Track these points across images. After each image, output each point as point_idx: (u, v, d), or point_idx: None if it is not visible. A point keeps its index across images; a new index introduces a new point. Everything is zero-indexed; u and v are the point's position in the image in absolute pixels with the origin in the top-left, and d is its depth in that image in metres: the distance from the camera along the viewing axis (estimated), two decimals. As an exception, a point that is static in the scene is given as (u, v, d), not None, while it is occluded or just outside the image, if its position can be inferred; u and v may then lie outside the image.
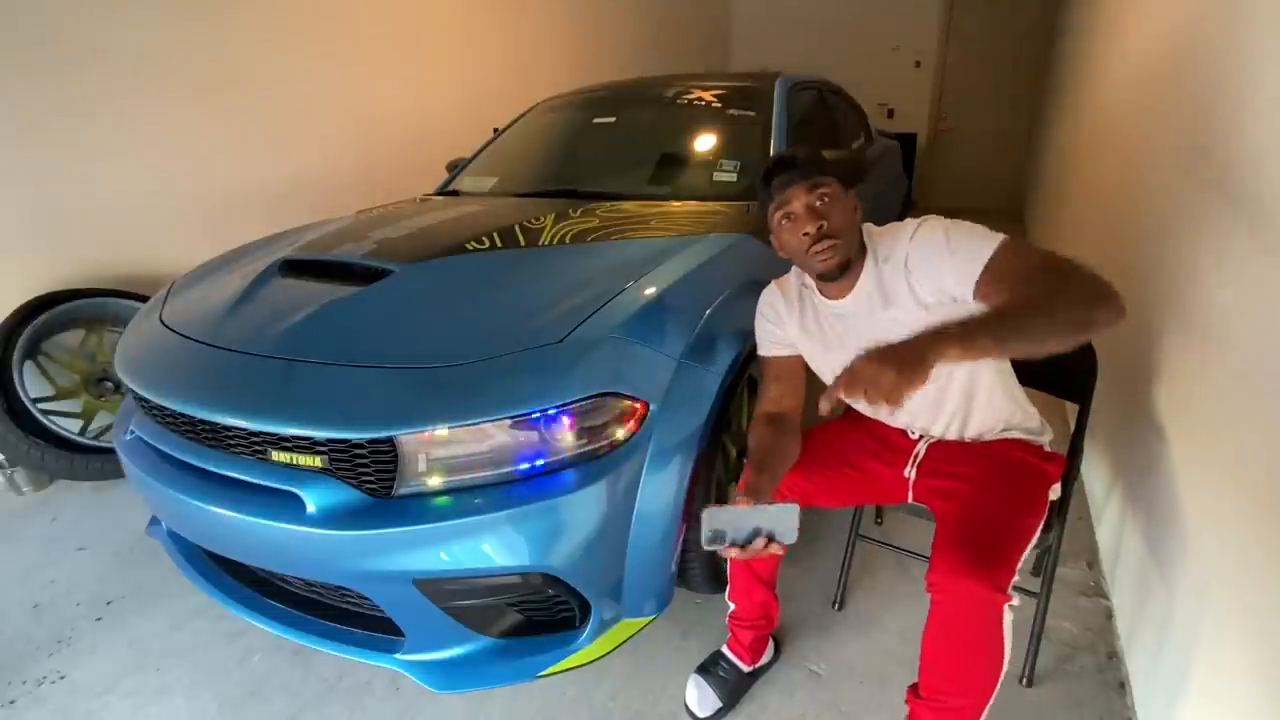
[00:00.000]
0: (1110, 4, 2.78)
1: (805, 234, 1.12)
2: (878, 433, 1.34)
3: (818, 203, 1.12)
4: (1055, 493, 1.22)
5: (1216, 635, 1.02)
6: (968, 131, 6.32)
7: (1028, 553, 1.09)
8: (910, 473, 1.28)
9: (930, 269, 1.08)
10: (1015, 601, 1.02)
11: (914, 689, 1.12)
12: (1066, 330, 0.89)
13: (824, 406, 0.92)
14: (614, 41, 5.35)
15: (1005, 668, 1.04)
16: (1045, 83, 5.28)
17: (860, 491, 1.36)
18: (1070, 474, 1.29)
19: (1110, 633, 1.51)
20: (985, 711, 1.08)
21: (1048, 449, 1.26)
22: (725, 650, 1.42)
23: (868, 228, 1.22)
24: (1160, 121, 1.70)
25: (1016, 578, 1.04)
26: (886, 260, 1.15)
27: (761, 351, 1.32)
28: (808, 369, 1.30)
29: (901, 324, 1.10)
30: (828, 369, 1.25)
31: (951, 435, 1.26)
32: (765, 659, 1.44)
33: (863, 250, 1.19)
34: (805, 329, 1.26)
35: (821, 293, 1.22)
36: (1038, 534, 1.12)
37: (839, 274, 1.16)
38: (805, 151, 1.17)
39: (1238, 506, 0.99)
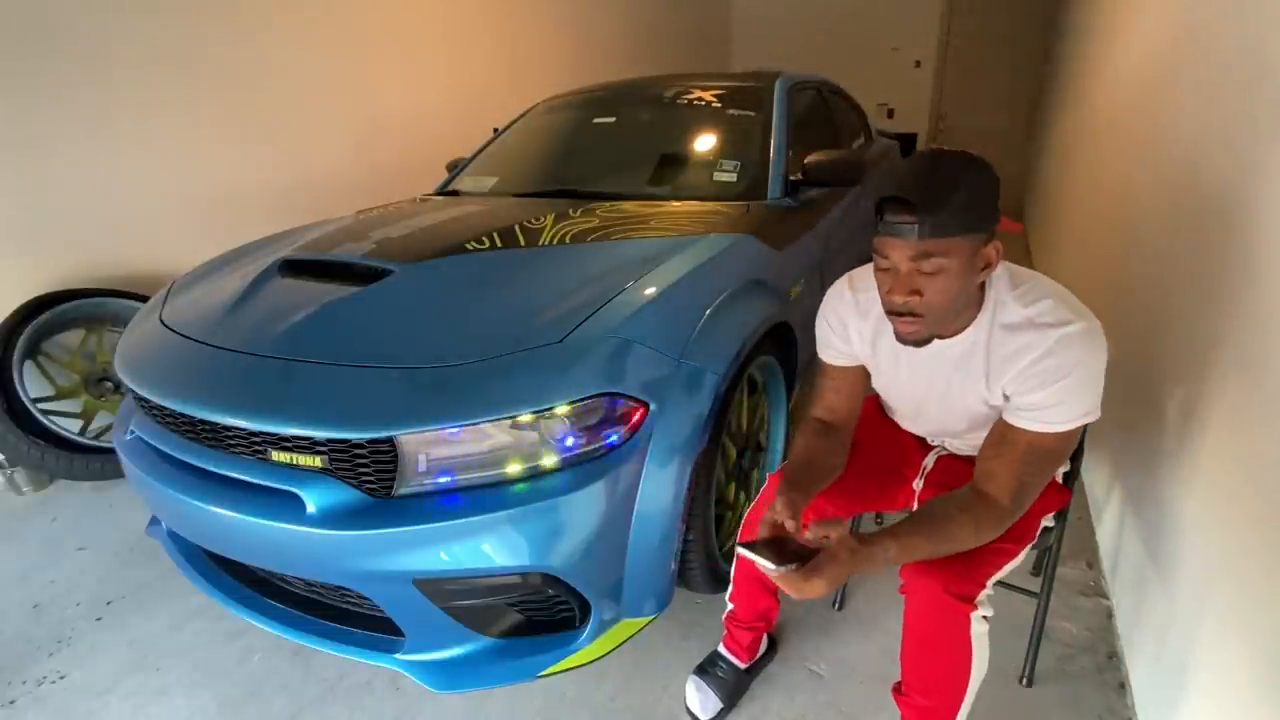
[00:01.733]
0: (1110, 4, 2.78)
1: (890, 296, 0.94)
2: (899, 440, 1.32)
3: (919, 273, 0.91)
4: (1049, 520, 1.21)
5: (1216, 635, 1.02)
6: (968, 131, 6.32)
7: (1004, 572, 1.07)
8: (918, 484, 1.28)
9: (1034, 383, 0.94)
10: (985, 612, 1.01)
11: (897, 686, 1.15)
12: (949, 548, 0.98)
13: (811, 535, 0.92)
14: (613, 41, 5.35)
15: (977, 677, 1.04)
16: (1045, 83, 5.28)
17: (873, 501, 1.34)
18: (1070, 474, 1.29)
19: (1110, 633, 1.51)
20: (960, 715, 1.08)
21: (1058, 479, 1.24)
22: (722, 649, 1.42)
23: (1001, 273, 1.01)
24: (1162, 122, 1.70)
25: (989, 590, 1.04)
26: (1012, 333, 0.96)
27: (823, 357, 1.22)
28: (868, 376, 1.21)
29: (975, 398, 1.03)
30: (891, 394, 1.20)
31: (964, 450, 1.25)
32: (760, 653, 1.44)
33: (979, 298, 0.99)
34: (879, 351, 1.13)
35: None
36: (1018, 557, 1.10)
37: (917, 346, 1.01)
38: (940, 192, 0.87)
39: (1237, 507, 0.99)
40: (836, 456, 1.18)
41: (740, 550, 0.94)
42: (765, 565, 0.90)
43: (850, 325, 1.15)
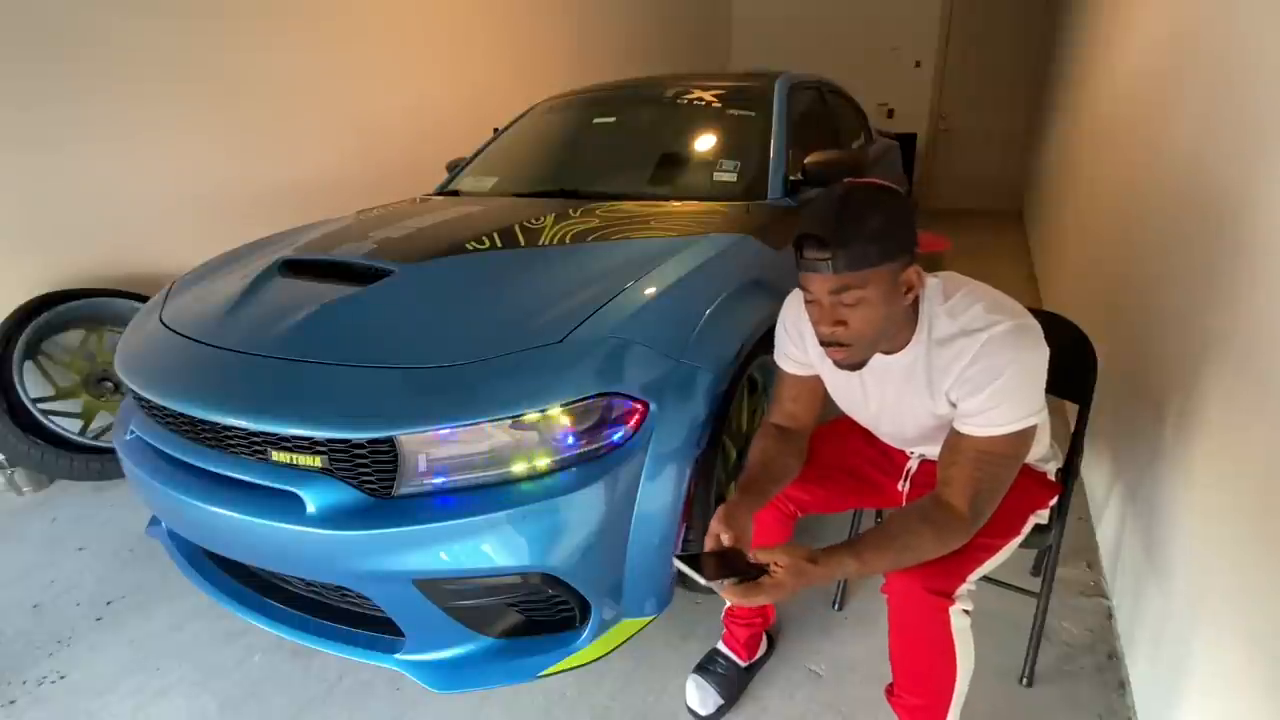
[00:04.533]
0: (1110, 4, 2.78)
1: (818, 326, 0.99)
2: (877, 442, 1.32)
3: (841, 304, 0.94)
4: (1041, 518, 1.20)
5: (1216, 635, 1.02)
6: (968, 131, 6.33)
7: (986, 568, 1.07)
8: (904, 486, 1.28)
9: (969, 387, 0.97)
10: (965, 606, 1.02)
11: (889, 688, 1.15)
12: (913, 560, 0.98)
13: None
14: (614, 41, 5.35)
15: (964, 672, 1.04)
16: (1045, 83, 5.28)
17: (857, 499, 1.35)
18: (1070, 473, 1.29)
19: (1110, 633, 1.51)
20: (952, 712, 1.08)
21: (1051, 476, 1.24)
22: (721, 646, 1.42)
23: (934, 288, 1.03)
24: (1162, 122, 1.70)
25: (970, 586, 1.04)
26: (945, 345, 0.99)
27: (779, 363, 1.25)
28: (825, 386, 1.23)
29: (923, 411, 1.06)
30: (844, 400, 1.21)
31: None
32: (760, 653, 1.44)
33: (913, 317, 1.02)
34: (829, 363, 1.13)
35: None
36: (1002, 553, 1.10)
37: (853, 369, 1.04)
38: (851, 228, 0.89)
39: (1237, 507, 0.99)
40: (792, 459, 1.20)
41: (675, 562, 0.93)
42: (695, 579, 0.89)
43: (806, 334, 1.16)
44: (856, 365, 1.02)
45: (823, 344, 1.01)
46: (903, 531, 0.96)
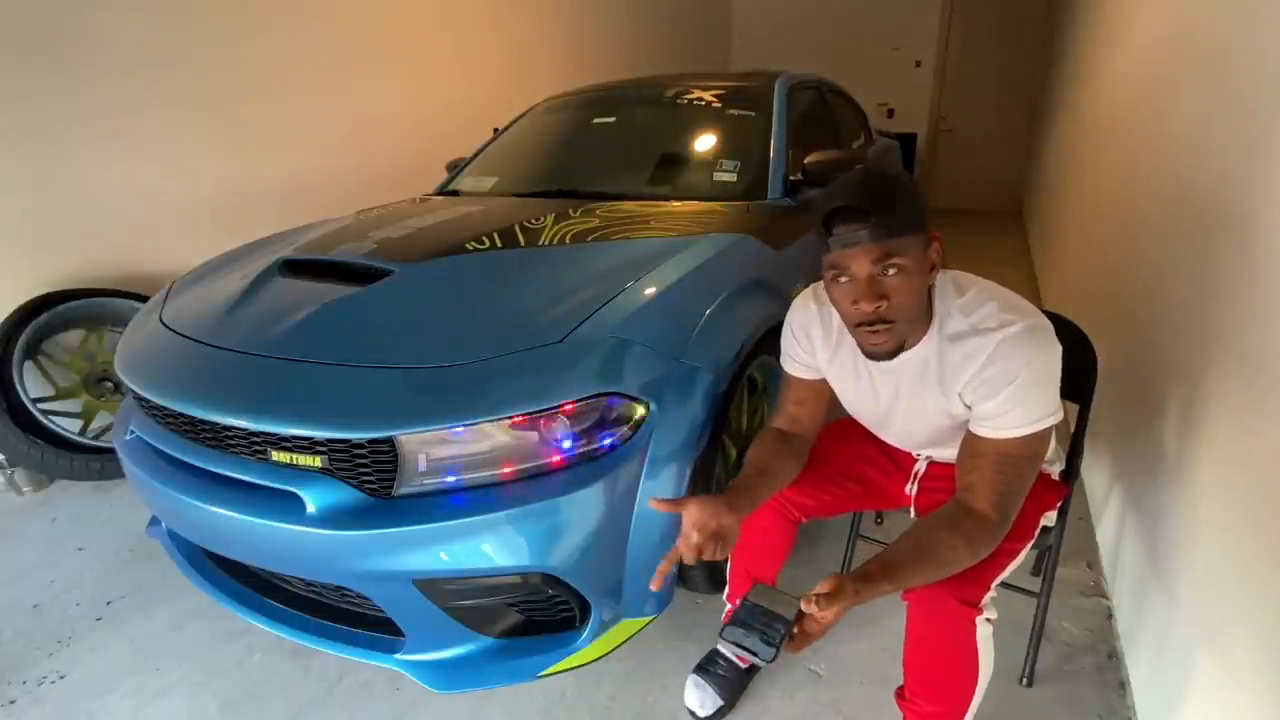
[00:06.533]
0: (1111, 3, 2.78)
1: (857, 307, 0.94)
2: (882, 444, 1.31)
3: (884, 275, 0.91)
4: (1049, 520, 1.20)
5: (1216, 635, 1.02)
6: (968, 131, 6.32)
7: (1007, 573, 1.07)
8: (911, 489, 1.28)
9: (985, 390, 0.95)
10: (989, 615, 1.01)
11: (900, 691, 1.14)
12: (948, 573, 0.95)
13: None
14: (614, 41, 5.35)
15: (984, 680, 1.04)
16: (1045, 83, 5.28)
17: (862, 502, 1.35)
18: (1070, 473, 1.29)
19: (1110, 633, 1.51)
20: (967, 718, 1.07)
21: (1055, 477, 1.24)
22: (721, 647, 1.42)
23: (946, 284, 1.01)
24: (1162, 121, 1.70)
25: (993, 593, 1.04)
26: (957, 342, 0.97)
27: (785, 367, 1.23)
28: (830, 389, 1.21)
29: (936, 410, 1.04)
30: (853, 403, 1.20)
31: (948, 459, 1.23)
32: None
33: (928, 310, 1.00)
34: (838, 364, 1.14)
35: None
36: (1020, 556, 1.10)
37: (888, 358, 1.00)
38: (884, 195, 0.89)
39: (1238, 507, 0.99)
40: (790, 460, 1.18)
41: (722, 647, 0.91)
42: (756, 660, 0.89)
43: (815, 337, 1.15)
44: (893, 351, 0.99)
45: (861, 325, 0.96)
46: (934, 544, 0.94)
